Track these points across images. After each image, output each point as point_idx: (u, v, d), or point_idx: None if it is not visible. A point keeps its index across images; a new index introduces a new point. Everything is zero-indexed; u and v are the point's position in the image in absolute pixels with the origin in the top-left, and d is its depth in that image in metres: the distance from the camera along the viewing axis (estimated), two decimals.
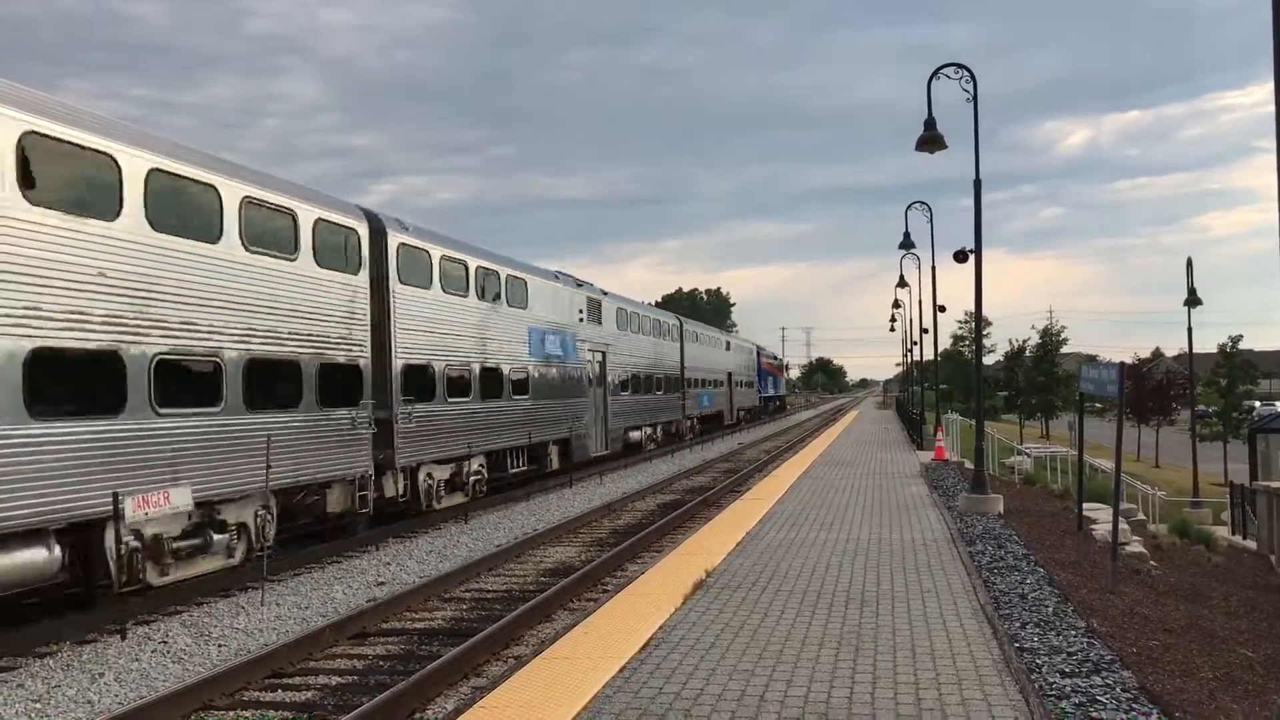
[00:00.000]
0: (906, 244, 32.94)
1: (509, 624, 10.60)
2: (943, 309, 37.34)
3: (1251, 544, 23.23)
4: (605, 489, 25.75)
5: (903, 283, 45.36)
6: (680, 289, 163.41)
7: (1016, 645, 8.05)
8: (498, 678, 7.67)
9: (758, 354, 68.31)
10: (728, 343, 58.01)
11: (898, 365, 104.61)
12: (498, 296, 22.75)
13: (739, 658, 7.71)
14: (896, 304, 57.28)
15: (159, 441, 12.12)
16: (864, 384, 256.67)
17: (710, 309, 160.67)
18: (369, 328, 17.01)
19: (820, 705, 6.50)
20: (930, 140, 17.41)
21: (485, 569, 14.61)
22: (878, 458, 29.72)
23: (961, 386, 74.77)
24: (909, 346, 58.43)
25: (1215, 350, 64.43)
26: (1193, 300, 36.98)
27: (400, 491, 18.28)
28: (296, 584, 13.79)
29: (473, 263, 21.59)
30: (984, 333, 44.55)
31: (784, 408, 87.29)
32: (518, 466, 23.88)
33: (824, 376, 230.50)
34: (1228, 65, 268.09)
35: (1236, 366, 61.26)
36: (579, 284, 29.46)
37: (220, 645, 10.70)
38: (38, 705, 8.74)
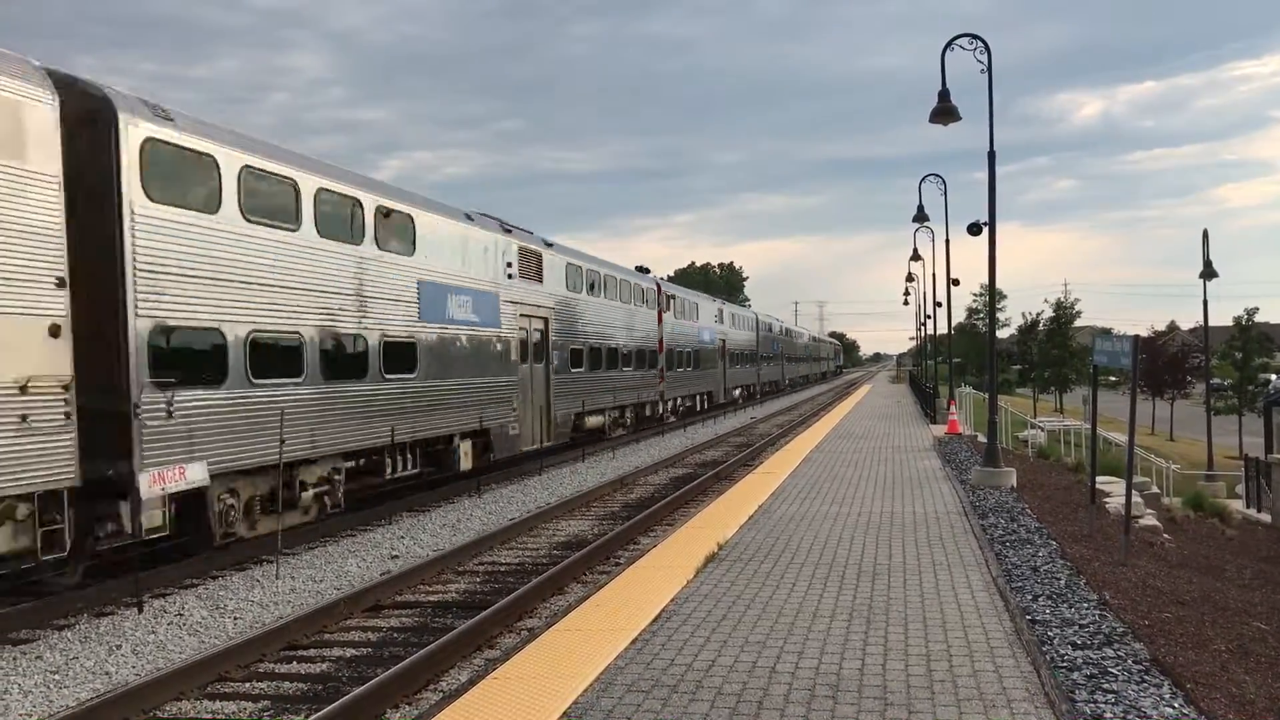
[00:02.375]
0: (920, 217, 32.79)
1: (521, 597, 10.65)
2: (956, 282, 37.15)
3: (1266, 517, 23.16)
4: (617, 463, 25.81)
5: (916, 256, 45.20)
6: (693, 263, 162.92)
7: (1028, 618, 8.06)
8: (510, 649, 7.72)
9: (757, 323, 61.94)
10: (720, 311, 50.33)
11: (911, 339, 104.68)
12: (360, 235, 16.28)
13: (750, 630, 7.74)
14: (910, 277, 57.10)
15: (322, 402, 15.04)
16: (877, 358, 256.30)
17: (723, 283, 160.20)
18: (65, 265, 10.71)
19: (831, 677, 6.52)
20: (944, 112, 17.29)
21: (498, 542, 14.68)
22: (890, 432, 29.70)
23: (975, 360, 74.60)
24: (922, 320, 58.28)
25: (1231, 323, 64.12)
26: (1208, 273, 36.74)
27: (151, 524, 11.68)
28: (310, 557, 13.88)
29: (309, 182, 14.94)
30: (998, 306, 44.52)
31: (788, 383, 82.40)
32: (404, 469, 17.91)
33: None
34: (1244, 34, 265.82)
35: (1252, 339, 61.01)
36: (507, 229, 22.98)
37: (235, 618, 10.78)
38: (56, 677, 8.84)
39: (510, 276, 22.43)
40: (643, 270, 39.18)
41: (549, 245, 25.78)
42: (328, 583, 12.36)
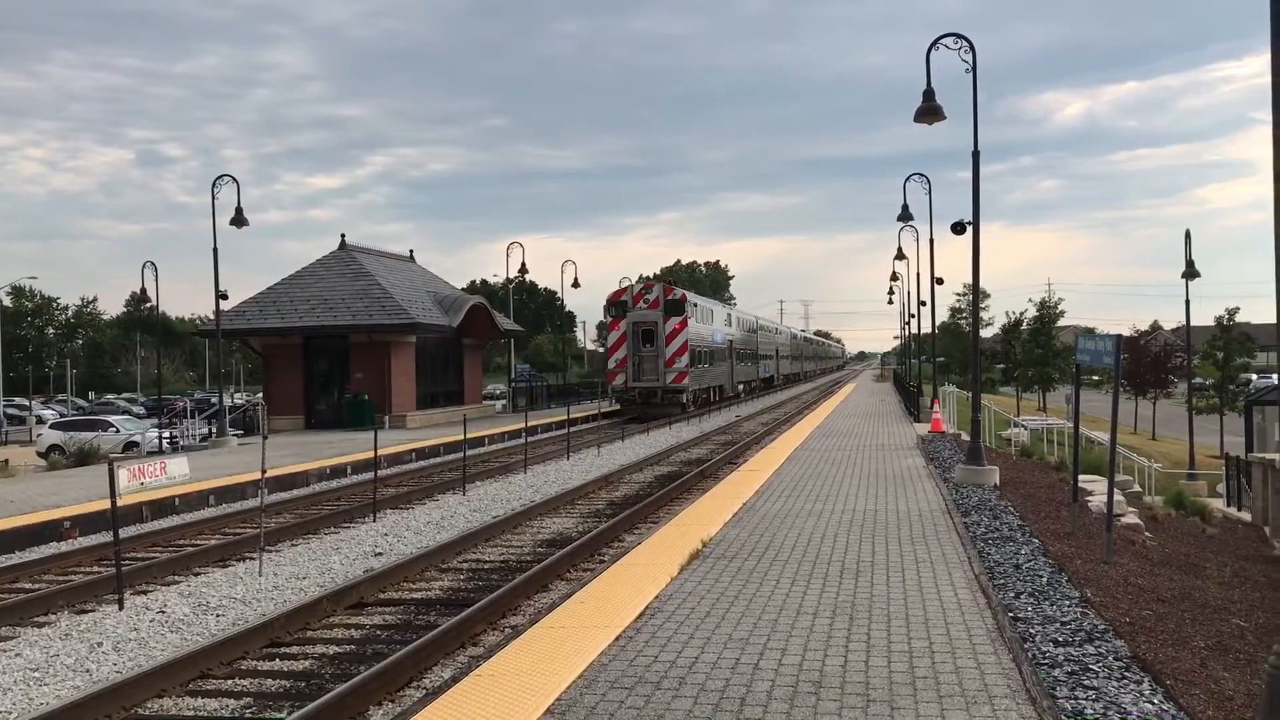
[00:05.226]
0: (905, 216, 32.84)
1: (506, 594, 10.64)
2: (940, 281, 37.31)
3: (1246, 515, 23.31)
4: (602, 460, 25.81)
5: (901, 255, 45.29)
6: (679, 261, 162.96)
7: (1010, 615, 8.09)
8: (494, 646, 7.71)
9: (757, 326, 70.07)
10: (728, 315, 59.16)
11: (896, 338, 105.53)
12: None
13: (734, 626, 7.75)
14: (895, 276, 57.24)
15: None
16: (862, 356, 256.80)
17: (709, 281, 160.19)
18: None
19: (814, 673, 6.54)
20: (929, 111, 17.32)
21: (483, 540, 14.66)
22: (874, 430, 29.78)
23: (959, 359, 74.85)
24: (907, 319, 58.47)
25: (1213, 323, 64.47)
26: (1190, 273, 36.92)
27: None
28: (294, 554, 13.84)
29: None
30: (981, 305, 44.59)
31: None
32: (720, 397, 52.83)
33: None
34: (1225, 35, 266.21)
35: (1233, 339, 61.30)
36: (725, 304, 57.41)
37: (218, 615, 10.74)
38: (36, 674, 8.78)
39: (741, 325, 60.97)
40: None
41: (730, 310, 61.82)
42: (311, 580, 12.33)
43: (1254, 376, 61.45)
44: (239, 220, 32.27)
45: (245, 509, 17.92)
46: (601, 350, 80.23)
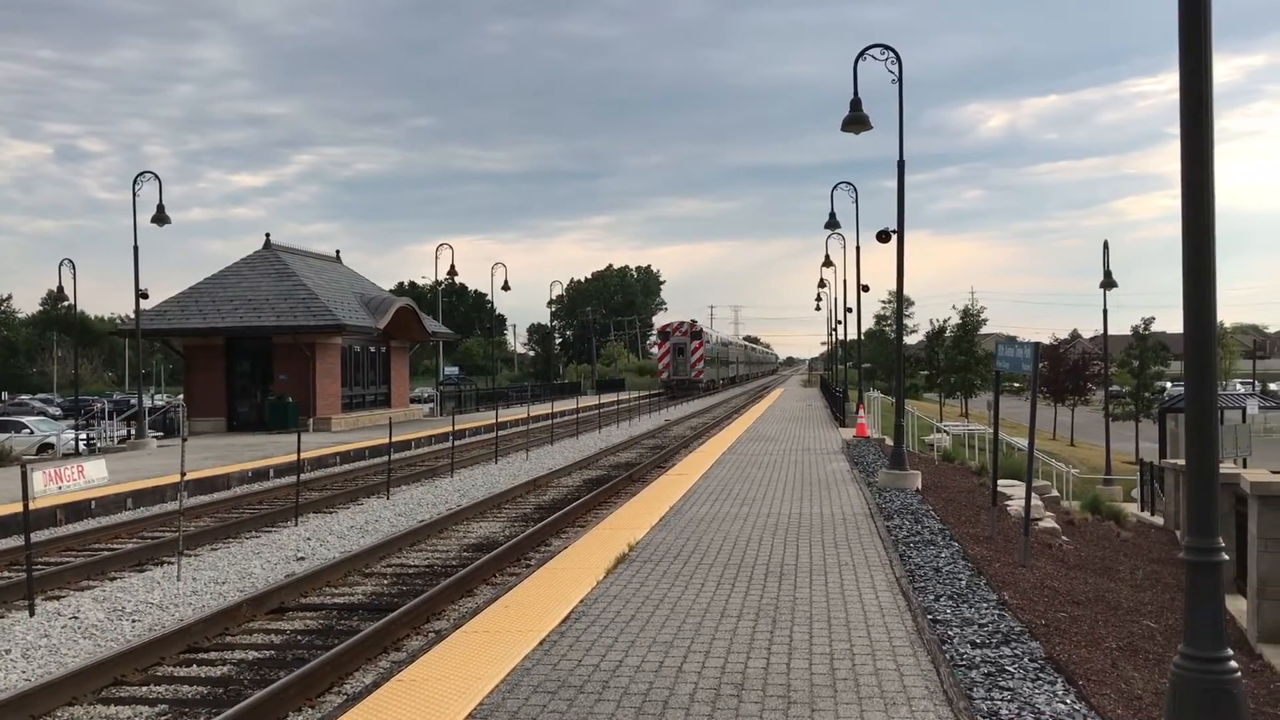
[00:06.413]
0: (832, 224, 33.23)
1: (430, 599, 10.56)
2: (866, 289, 37.79)
3: (1159, 519, 23.92)
4: (531, 465, 25.72)
5: (829, 262, 45.80)
6: (611, 265, 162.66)
7: (930, 617, 8.22)
8: (416, 651, 7.65)
9: (728, 342, 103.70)
10: (716, 337, 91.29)
11: (823, 344, 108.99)
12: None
13: (659, 630, 7.78)
14: (822, 283, 57.89)
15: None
16: (790, 362, 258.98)
17: (640, 286, 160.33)
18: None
19: (737, 676, 6.58)
20: (856, 121, 17.55)
21: (407, 544, 14.53)
22: (801, 434, 30.07)
23: (884, 365, 75.81)
24: (834, 325, 59.12)
25: (1129, 332, 66.13)
26: (1108, 283, 37.77)
27: None
28: (214, 559, 13.59)
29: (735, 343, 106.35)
30: (906, 312, 45.19)
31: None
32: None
33: None
34: (1142, 51, 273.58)
35: (1149, 348, 62.95)
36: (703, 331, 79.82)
37: (134, 620, 10.51)
38: None
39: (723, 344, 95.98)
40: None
41: (716, 334, 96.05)
42: (231, 584, 12.11)
43: (1168, 384, 63.11)
44: (161, 218, 31.66)
45: (164, 512, 17.55)
46: (533, 354, 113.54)
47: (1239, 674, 4.79)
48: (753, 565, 10.30)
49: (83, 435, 34.47)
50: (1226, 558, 4.92)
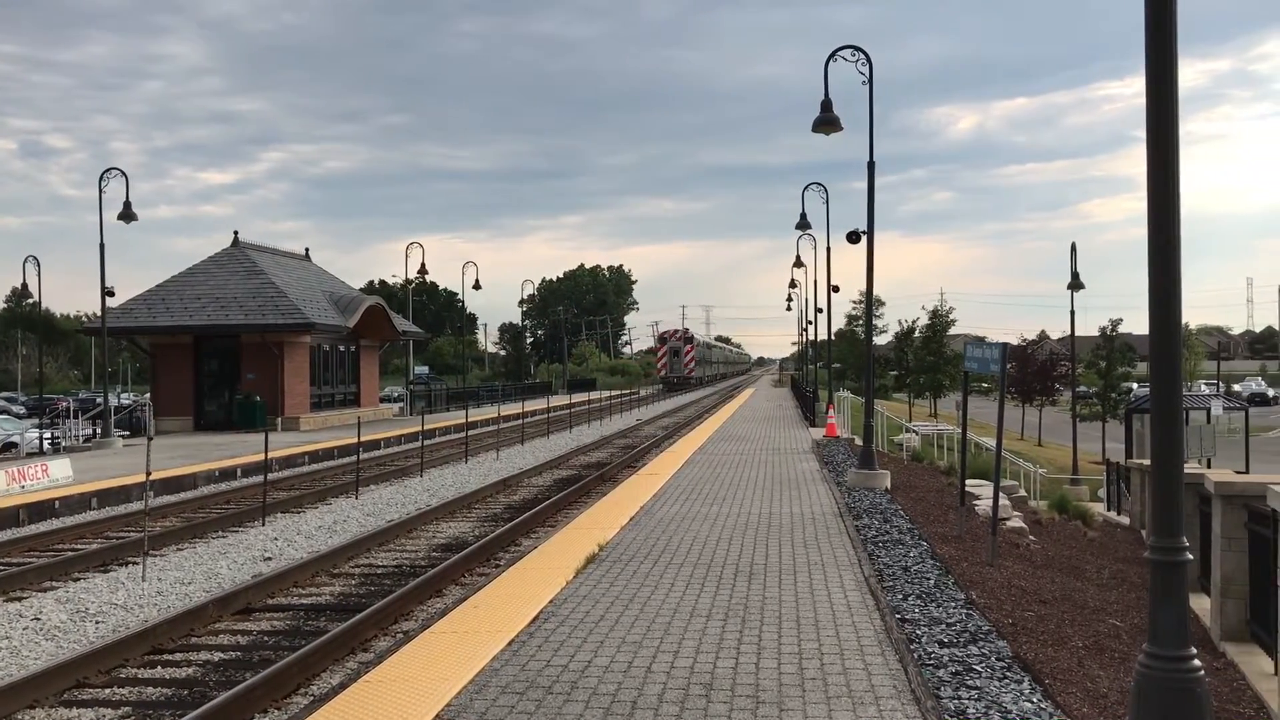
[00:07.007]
0: (803, 225, 33.35)
1: (398, 599, 10.50)
2: (836, 289, 37.91)
3: (1125, 519, 24.13)
4: (501, 465, 25.65)
5: (799, 263, 45.94)
6: (582, 265, 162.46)
7: (898, 616, 8.25)
8: (384, 652, 7.60)
9: (712, 345, 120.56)
10: (703, 341, 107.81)
11: (794, 344, 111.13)
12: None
13: (628, 630, 7.77)
14: (793, 284, 58.05)
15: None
16: (761, 362, 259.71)
17: (612, 286, 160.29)
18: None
19: (705, 676, 6.58)
20: (826, 122, 17.61)
21: (376, 544, 14.44)
22: (771, 434, 30.14)
23: (854, 365, 76.03)
24: (804, 326, 59.33)
25: (1097, 333, 66.71)
26: (1075, 284, 38.08)
27: None
28: (179, 559, 13.46)
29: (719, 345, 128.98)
30: (876, 313, 45.33)
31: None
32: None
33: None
34: (1108, 55, 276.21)
35: (1116, 349, 63.51)
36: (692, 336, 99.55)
37: (98, 622, 10.39)
38: None
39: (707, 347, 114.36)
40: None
41: (704, 338, 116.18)
42: (196, 585, 12.00)
43: (1135, 385, 63.70)
44: (127, 215, 31.34)
45: (129, 512, 17.36)
46: (504, 353, 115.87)
47: (1202, 672, 4.83)
48: (722, 565, 10.30)
49: (47, 434, 34.06)
50: (1191, 557, 4.96)
